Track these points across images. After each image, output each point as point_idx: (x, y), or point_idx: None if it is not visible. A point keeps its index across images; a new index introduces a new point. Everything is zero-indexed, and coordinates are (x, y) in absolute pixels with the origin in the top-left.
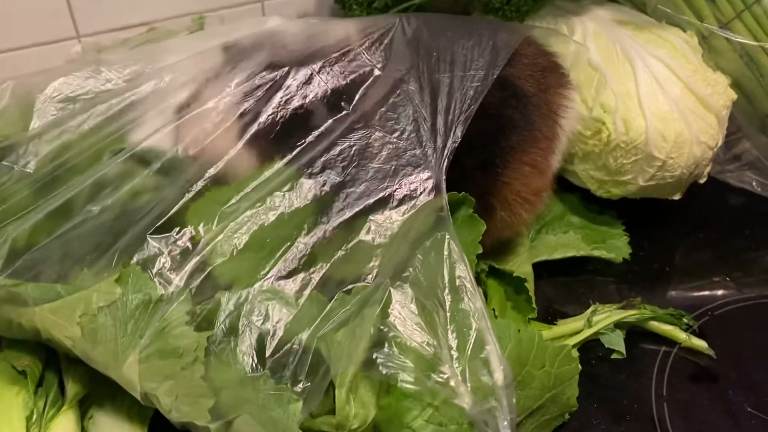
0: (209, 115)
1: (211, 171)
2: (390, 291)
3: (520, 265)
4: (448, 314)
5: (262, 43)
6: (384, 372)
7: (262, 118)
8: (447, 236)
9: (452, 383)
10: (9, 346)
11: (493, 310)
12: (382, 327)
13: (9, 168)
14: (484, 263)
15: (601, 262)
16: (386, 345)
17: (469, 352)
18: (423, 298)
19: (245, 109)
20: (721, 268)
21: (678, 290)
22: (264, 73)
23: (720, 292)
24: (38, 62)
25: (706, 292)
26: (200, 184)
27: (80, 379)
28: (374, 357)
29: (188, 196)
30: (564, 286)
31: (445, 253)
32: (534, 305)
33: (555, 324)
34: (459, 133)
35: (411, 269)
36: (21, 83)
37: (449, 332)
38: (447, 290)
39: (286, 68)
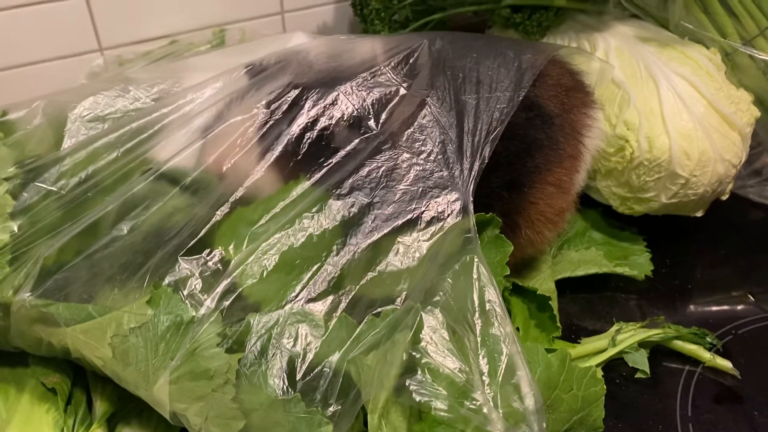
0: (234, 135)
1: (239, 192)
2: (421, 316)
3: (543, 283)
4: (479, 339)
5: (287, 62)
6: (418, 399)
7: (288, 139)
8: (476, 259)
9: (485, 410)
10: (36, 362)
11: (518, 328)
12: (413, 352)
13: (41, 188)
14: (507, 281)
15: (622, 278)
16: (419, 371)
17: (500, 378)
18: (453, 322)
19: (271, 130)
20: (743, 284)
21: (700, 307)
22: (290, 93)
23: (743, 310)
24: (61, 75)
25: (730, 310)
26: (228, 205)
27: (108, 397)
28: (407, 383)
29: (217, 217)
30: (585, 302)
31: (474, 276)
32: (558, 323)
33: (577, 342)
34: (486, 155)
35: (441, 293)
36: (52, 102)
37: (480, 357)
38: (477, 314)
39: (312, 88)
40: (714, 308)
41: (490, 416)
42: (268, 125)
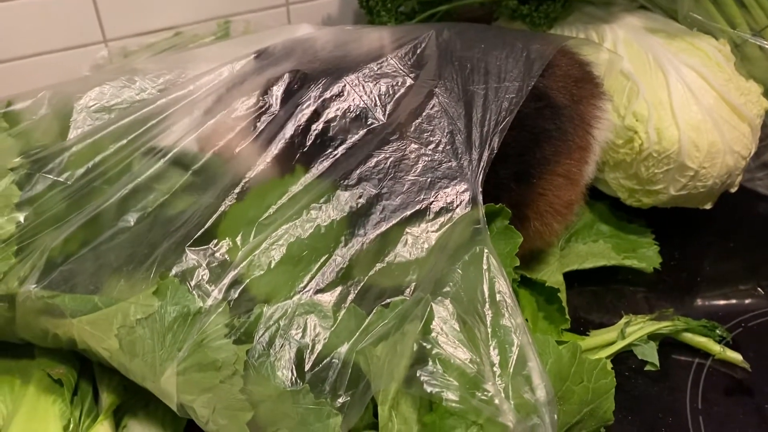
0: (238, 124)
1: (246, 182)
2: (432, 306)
3: (551, 275)
4: (489, 330)
5: (292, 50)
6: (429, 390)
7: (294, 129)
8: (486, 250)
9: (496, 401)
10: (42, 353)
11: (526, 320)
12: (424, 343)
13: (47, 179)
14: (515, 273)
15: (630, 271)
16: (430, 362)
17: (511, 369)
18: (463, 313)
19: (276, 120)
20: (752, 277)
21: (709, 300)
22: (296, 83)
23: (753, 303)
24: (66, 66)
25: (739, 303)
26: (234, 196)
27: (115, 389)
28: (418, 375)
29: (225, 206)
30: (592, 295)
31: (484, 267)
32: (567, 316)
33: (586, 335)
34: (495, 145)
35: (451, 284)
36: (58, 92)
37: (491, 348)
38: (487, 305)
39: (318, 78)
40: (723, 301)
41: (501, 407)
42: (273, 115)
